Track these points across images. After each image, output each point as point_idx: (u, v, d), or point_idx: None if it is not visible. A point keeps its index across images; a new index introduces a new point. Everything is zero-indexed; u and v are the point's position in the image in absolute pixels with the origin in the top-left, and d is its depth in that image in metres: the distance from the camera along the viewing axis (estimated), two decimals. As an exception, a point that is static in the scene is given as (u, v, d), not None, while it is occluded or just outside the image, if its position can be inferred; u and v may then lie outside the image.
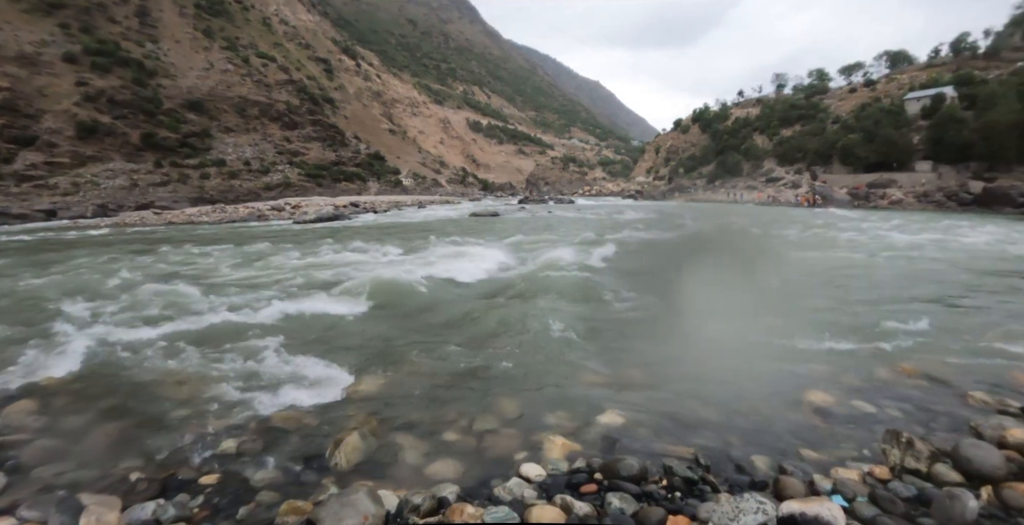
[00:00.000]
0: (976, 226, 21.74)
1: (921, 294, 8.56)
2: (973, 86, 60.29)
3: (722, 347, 5.74)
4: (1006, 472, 3.04)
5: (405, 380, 4.78)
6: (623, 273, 10.75)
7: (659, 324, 6.68)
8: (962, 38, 79.34)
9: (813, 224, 24.30)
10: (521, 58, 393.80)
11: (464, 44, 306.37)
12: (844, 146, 61.78)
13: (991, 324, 6.59)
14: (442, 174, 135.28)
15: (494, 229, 21.09)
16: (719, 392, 4.50)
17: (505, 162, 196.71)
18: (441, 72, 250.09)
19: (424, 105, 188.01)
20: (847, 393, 4.45)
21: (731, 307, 7.65)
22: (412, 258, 12.02)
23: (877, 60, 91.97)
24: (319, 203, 43.89)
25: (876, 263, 12.21)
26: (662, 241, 17.51)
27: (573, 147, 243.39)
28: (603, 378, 4.88)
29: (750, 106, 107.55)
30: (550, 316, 6.88)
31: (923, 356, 5.33)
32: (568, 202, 62.06)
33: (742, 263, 12.48)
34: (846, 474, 3.16)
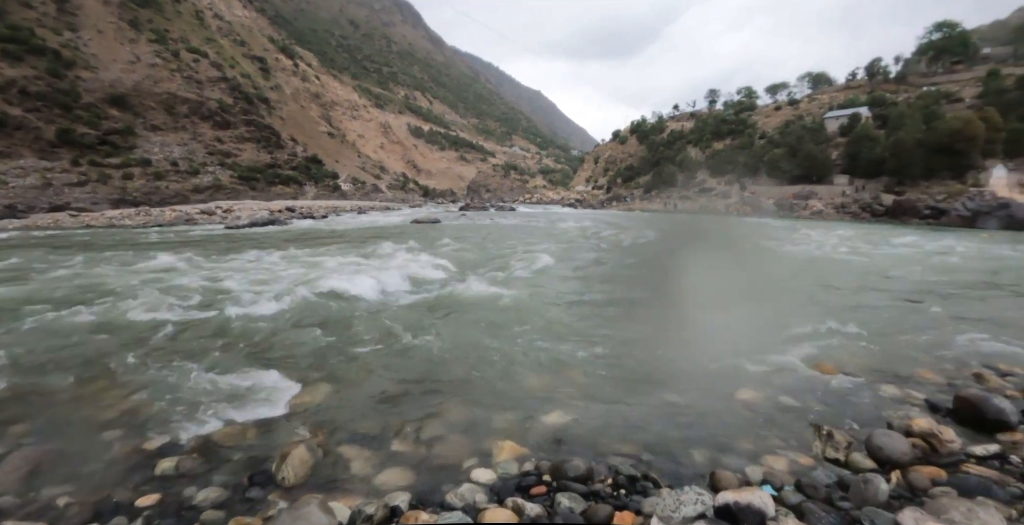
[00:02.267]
0: (889, 235, 23.46)
1: (837, 298, 9.18)
2: (885, 107, 65.51)
3: (659, 349, 5.99)
4: (912, 457, 3.37)
5: (350, 390, 4.72)
6: (565, 279, 10.97)
7: (599, 328, 6.87)
8: (875, 63, 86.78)
9: (744, 232, 25.54)
10: (464, 65, 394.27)
11: (407, 48, 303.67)
12: (770, 160, 65.26)
13: (899, 326, 7.17)
14: (382, 179, 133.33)
15: (437, 236, 20.99)
16: (658, 391, 4.72)
17: (446, 168, 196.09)
18: (383, 76, 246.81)
19: (364, 109, 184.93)
20: (774, 390, 4.76)
21: (670, 311, 8.00)
22: (354, 266, 11.81)
23: (800, 81, 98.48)
24: (253, 207, 42.36)
25: (799, 269, 12.98)
26: (604, 248, 17.94)
27: (514, 155, 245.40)
28: (547, 381, 4.99)
29: (685, 120, 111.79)
30: (492, 322, 6.98)
31: (840, 355, 5.75)
32: (509, 209, 62.53)
33: (677, 269, 12.98)
34: (775, 465, 3.41)
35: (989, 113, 49.55)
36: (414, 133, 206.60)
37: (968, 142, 45.92)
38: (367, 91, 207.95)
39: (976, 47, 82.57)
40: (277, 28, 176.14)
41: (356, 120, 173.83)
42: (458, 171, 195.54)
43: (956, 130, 46.44)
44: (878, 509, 2.78)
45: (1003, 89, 58.75)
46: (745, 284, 10.61)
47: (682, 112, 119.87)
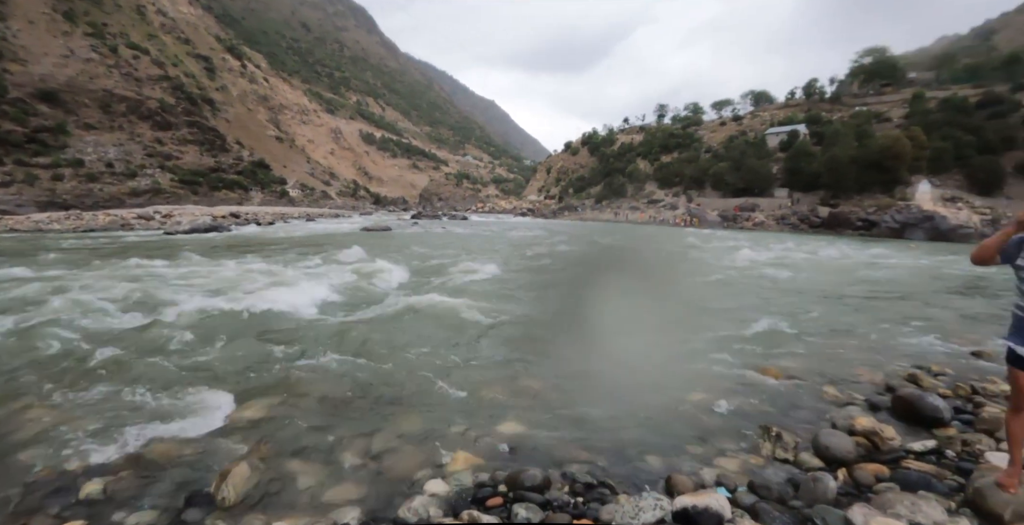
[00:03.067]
0: (824, 245, 24.56)
1: (780, 305, 9.49)
2: (821, 125, 69.00)
3: (613, 356, 6.02)
4: (856, 455, 3.48)
5: (296, 403, 4.48)
6: (518, 289, 10.95)
7: (552, 337, 6.87)
8: (812, 84, 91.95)
9: (690, 243, 26.23)
10: (418, 72, 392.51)
11: (360, 54, 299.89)
12: (715, 173, 67.61)
13: (837, 330, 7.46)
14: (332, 186, 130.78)
15: (387, 244, 20.66)
16: (612, 398, 4.72)
17: (398, 176, 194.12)
18: (334, 80, 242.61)
19: (315, 113, 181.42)
20: (725, 393, 4.83)
21: (620, 319, 8.06)
22: (300, 275, 11.42)
23: (744, 98, 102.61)
24: (194, 212, 40.75)
25: (744, 278, 13.38)
26: (556, 257, 18.05)
27: (467, 164, 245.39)
28: (502, 390, 4.91)
29: (634, 133, 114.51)
30: (445, 332, 6.87)
31: (785, 360, 5.92)
32: (462, 218, 62.33)
33: (629, 278, 13.18)
34: (729, 467, 3.44)
35: (915, 132, 52.86)
36: (366, 139, 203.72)
37: (896, 159, 48.80)
38: (318, 95, 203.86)
39: (903, 71, 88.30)
40: (224, 27, 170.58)
41: (306, 125, 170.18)
42: (410, 179, 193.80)
43: (885, 147, 49.32)
44: (828, 506, 2.84)
45: (927, 110, 63.11)
46: (694, 293, 10.86)
47: (632, 125, 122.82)
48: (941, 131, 55.59)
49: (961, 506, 2.86)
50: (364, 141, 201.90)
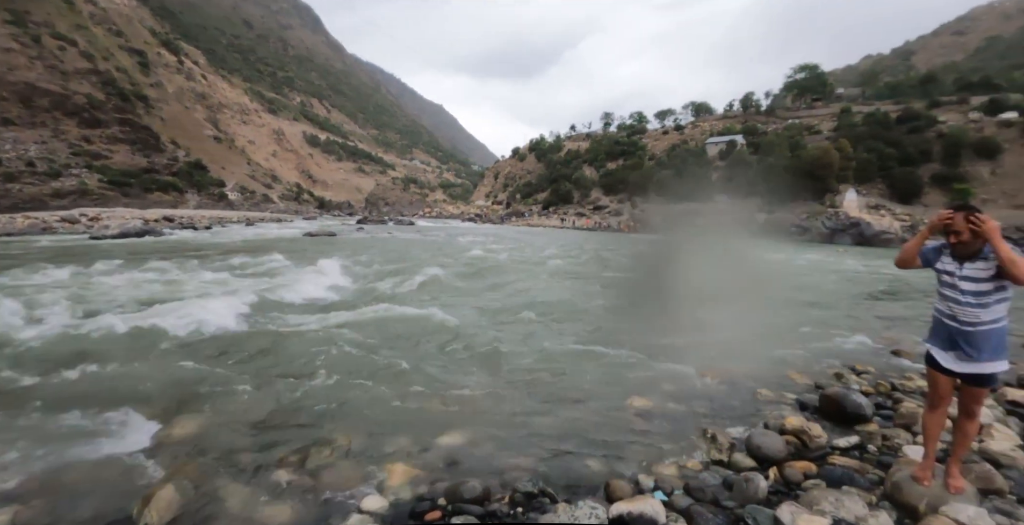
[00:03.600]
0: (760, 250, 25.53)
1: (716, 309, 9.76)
2: (757, 136, 72.35)
3: (553, 362, 6.04)
4: (786, 454, 3.59)
5: (227, 420, 4.25)
6: (460, 296, 10.89)
7: (495, 345, 6.81)
8: (749, 97, 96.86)
9: (636, 250, 26.79)
10: (365, 74, 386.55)
11: (304, 53, 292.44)
12: (658, 180, 69.46)
13: (774, 332, 7.75)
14: (274, 189, 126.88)
15: (331, 250, 20.14)
16: (553, 405, 4.73)
17: (344, 180, 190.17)
18: (277, 80, 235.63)
19: (256, 113, 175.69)
20: (664, 397, 4.93)
21: (563, 325, 8.13)
22: (235, 282, 10.98)
23: (685, 109, 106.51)
24: (125, 215, 38.68)
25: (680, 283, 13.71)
26: (500, 263, 18.06)
27: (415, 168, 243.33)
28: (442, 400, 4.82)
29: (581, 140, 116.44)
30: (387, 341, 6.71)
31: (722, 363, 6.08)
32: (408, 223, 61.55)
33: (575, 284, 13.32)
34: (665, 471, 3.49)
35: (842, 144, 56.07)
36: (310, 142, 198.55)
37: (826, 169, 51.60)
38: (260, 95, 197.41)
39: (832, 87, 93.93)
40: (161, 20, 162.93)
41: (246, 125, 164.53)
42: (356, 183, 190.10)
43: (816, 158, 52.12)
44: (759, 506, 2.91)
45: (853, 124, 67.12)
46: (633, 297, 11.05)
47: (579, 132, 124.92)
48: (866, 143, 59.35)
49: (881, 499, 3.00)
50: (308, 143, 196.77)
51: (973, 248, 2.60)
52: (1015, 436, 3.83)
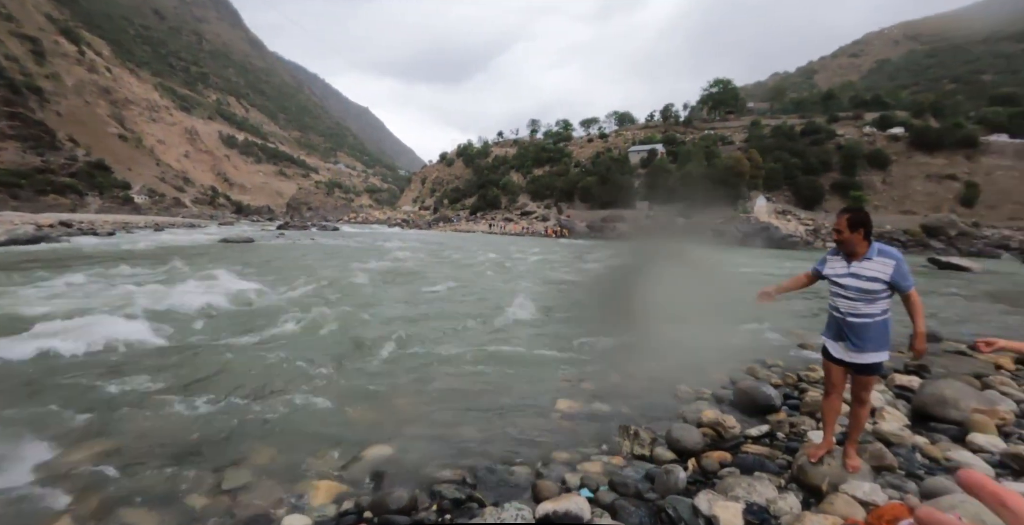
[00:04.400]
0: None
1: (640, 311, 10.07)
2: (675, 145, 75.77)
3: (482, 367, 6.01)
4: (704, 445, 3.74)
5: (132, 443, 3.90)
6: (384, 303, 10.67)
7: (422, 349, 6.70)
8: (668, 108, 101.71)
9: (558, 251, 27.29)
10: (287, 73, 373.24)
11: (221, 48, 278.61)
12: (583, 186, 71.39)
13: (692, 332, 8.04)
14: (186, 193, 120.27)
15: (247, 258, 19.19)
16: (482, 410, 4.70)
17: (263, 183, 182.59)
18: (191, 75, 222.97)
19: (167, 110, 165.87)
20: (588, 398, 5.00)
21: (487, 328, 8.11)
22: (140, 293, 10.15)
23: (609, 117, 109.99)
24: (13, 220, 35.24)
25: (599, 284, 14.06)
26: (427, 268, 17.87)
27: (339, 172, 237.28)
28: (369, 412, 4.66)
29: (508, 146, 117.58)
30: (304, 352, 6.40)
31: (644, 363, 6.26)
32: (333, 229, 59.73)
33: (496, 288, 13.35)
34: (591, 468, 3.53)
35: (753, 154, 59.79)
36: (226, 142, 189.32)
37: (738, 177, 54.79)
38: (171, 91, 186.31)
39: (743, 101, 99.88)
40: (59, 6, 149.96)
41: (156, 123, 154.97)
42: (277, 187, 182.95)
43: (729, 167, 55.24)
44: (679, 496, 3.01)
45: (762, 136, 71.76)
46: (559, 300, 11.21)
47: (506, 138, 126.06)
48: (773, 154, 63.75)
49: (789, 482, 3.17)
50: (225, 144, 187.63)
51: (857, 249, 2.91)
52: (903, 417, 4.15)
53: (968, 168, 66.16)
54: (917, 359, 2.99)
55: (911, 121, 73.19)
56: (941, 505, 2.59)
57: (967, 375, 5.48)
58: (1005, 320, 10.58)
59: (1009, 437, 3.76)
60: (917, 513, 1.26)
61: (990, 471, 3.19)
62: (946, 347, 7.34)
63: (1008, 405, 4.43)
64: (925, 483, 3.01)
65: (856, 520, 2.66)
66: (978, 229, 50.36)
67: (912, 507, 2.73)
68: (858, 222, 2.89)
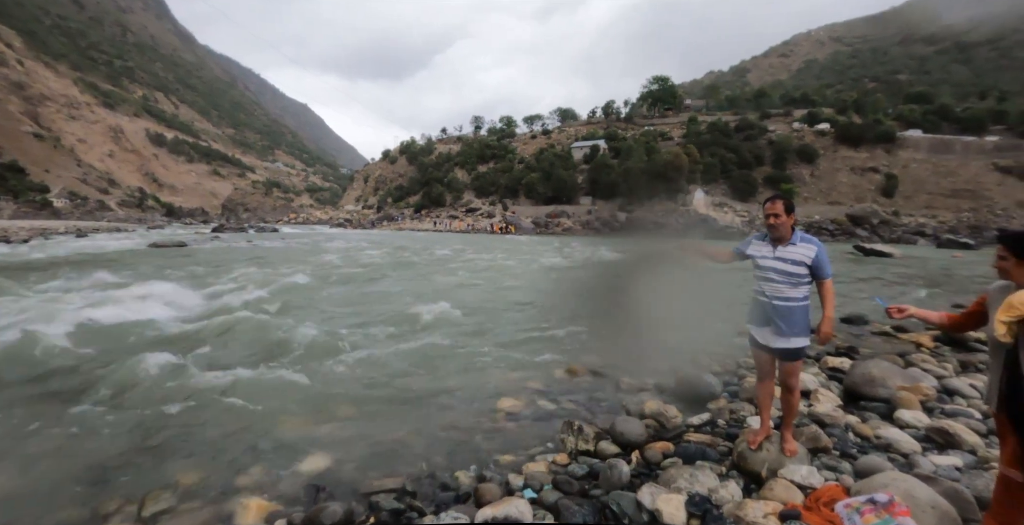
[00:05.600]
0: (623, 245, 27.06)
1: (581, 306, 10.09)
2: (617, 141, 76.99)
3: (423, 368, 5.82)
4: (647, 436, 3.69)
5: (40, 468, 3.53)
6: (317, 304, 10.30)
7: (359, 353, 6.41)
8: (610, 105, 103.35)
9: (504, 248, 27.23)
10: (219, 68, 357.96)
11: (147, 41, 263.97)
12: (528, 182, 71.68)
13: (631, 324, 8.08)
14: (112, 195, 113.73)
15: (177, 263, 18.15)
16: (423, 414, 4.52)
17: (196, 184, 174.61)
18: (114, 70, 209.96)
19: (88, 107, 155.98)
20: (532, 395, 4.91)
21: (428, 328, 7.90)
22: (53, 305, 9.35)
23: (552, 114, 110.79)
24: (-93, 226, 32.25)
25: (551, 279, 14.12)
26: (366, 269, 17.45)
27: (278, 171, 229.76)
28: (302, 420, 4.39)
29: (452, 143, 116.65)
30: (232, 362, 6.00)
31: (587, 356, 6.23)
32: (272, 230, 57.59)
33: (429, 287, 13.16)
34: (535, 468, 3.42)
35: (691, 149, 61.61)
36: (155, 141, 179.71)
37: (676, 171, 56.33)
38: (93, 86, 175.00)
39: (681, 98, 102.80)
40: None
41: (76, 121, 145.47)
42: (211, 187, 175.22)
43: (668, 161, 56.72)
44: (622, 491, 2.95)
45: (699, 132, 74.03)
46: (500, 296, 11.11)
47: (450, 135, 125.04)
48: (710, 149, 65.98)
49: (730, 470, 3.17)
50: (153, 142, 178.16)
51: (786, 233, 2.99)
52: (836, 398, 4.28)
53: (887, 161, 70.53)
54: (823, 344, 3.06)
55: (836, 118, 77.41)
56: (873, 484, 2.63)
57: (892, 354, 5.72)
58: (922, 300, 11.23)
59: (932, 412, 3.93)
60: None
61: (916, 446, 3.29)
62: (873, 329, 7.69)
63: (930, 382, 4.63)
64: (859, 462, 3.08)
65: (795, 504, 2.66)
66: (898, 218, 53.79)
67: (847, 488, 2.77)
68: (791, 207, 3.00)
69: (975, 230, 49.22)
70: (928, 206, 63.90)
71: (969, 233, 46.13)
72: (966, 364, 5.52)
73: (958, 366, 5.42)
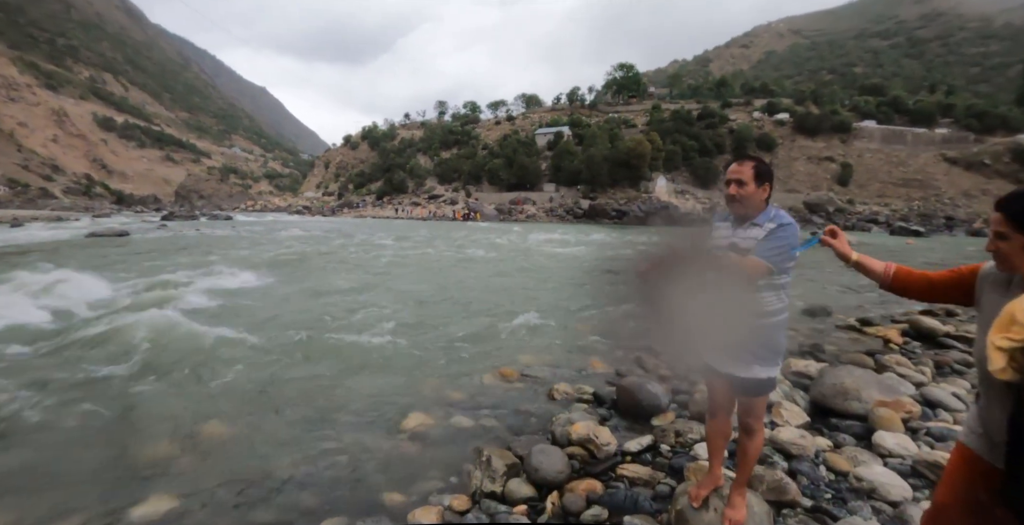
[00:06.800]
0: (585, 232, 26.44)
1: (532, 295, 9.33)
2: (581, 128, 76.47)
3: (324, 376, 4.91)
4: (569, 473, 2.89)
5: None
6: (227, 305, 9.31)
7: (257, 358, 5.48)
8: (574, 91, 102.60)
9: (460, 236, 26.31)
10: (171, 48, 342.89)
11: (93, 19, 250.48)
12: (491, 169, 70.51)
13: (580, 319, 7.35)
14: (56, 182, 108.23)
15: (108, 255, 16.59)
16: (309, 435, 3.66)
17: (148, 170, 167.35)
18: (57, 49, 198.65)
19: (28, 89, 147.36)
20: (448, 409, 4.08)
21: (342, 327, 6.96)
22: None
23: (517, 100, 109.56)
24: None
25: (498, 270, 13.30)
26: (302, 260, 16.37)
27: (234, 157, 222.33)
28: (166, 447, 3.49)
29: (415, 128, 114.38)
30: (88, 369, 5.03)
31: (523, 356, 5.46)
32: (225, 218, 55.06)
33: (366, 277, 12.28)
34: (423, 517, 2.60)
35: (653, 137, 61.47)
36: (103, 125, 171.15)
37: (639, 158, 56.06)
38: (33, 66, 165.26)
39: (645, 86, 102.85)
40: None
41: (15, 103, 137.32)
42: (163, 174, 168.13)
43: (631, 148, 56.35)
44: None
45: (662, 119, 74.12)
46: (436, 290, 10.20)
47: (413, 121, 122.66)
48: (672, 137, 66.12)
49: (668, 528, 2.37)
50: (101, 127, 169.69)
51: (750, 210, 2.05)
52: (802, 413, 3.56)
53: (843, 151, 72.10)
54: None
55: (794, 108, 78.64)
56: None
57: (861, 354, 5.11)
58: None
59: (916, 433, 3.23)
60: None
61: (907, 490, 2.56)
62: (837, 321, 7.12)
63: (907, 389, 3.98)
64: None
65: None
66: (852, 206, 54.91)
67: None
68: (766, 173, 2.05)
69: (925, 218, 50.69)
70: (881, 194, 65.52)
71: (920, 221, 47.41)
72: (940, 365, 4.91)
73: (934, 368, 4.80)
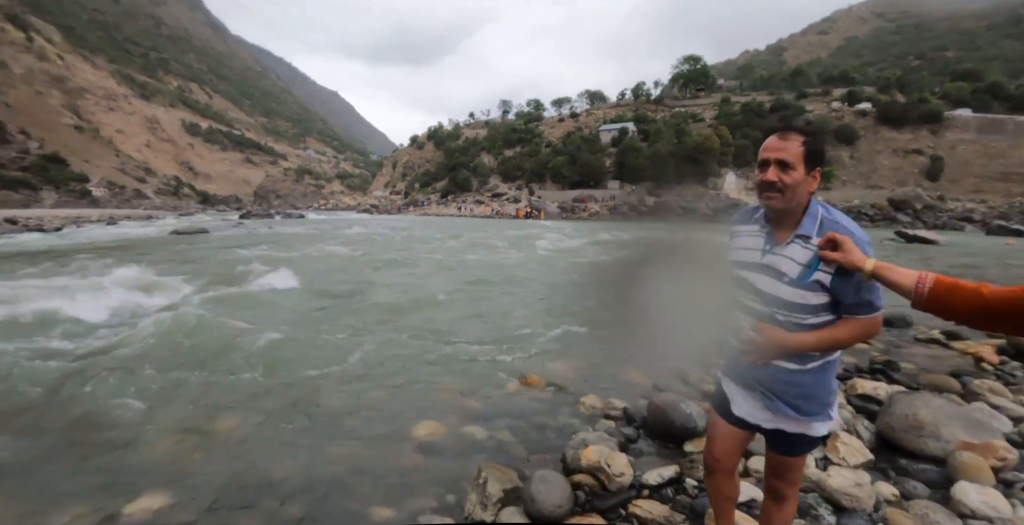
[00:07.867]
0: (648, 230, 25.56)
1: (565, 300, 8.91)
2: (646, 123, 74.74)
3: (344, 376, 4.76)
4: (571, 507, 2.52)
5: None
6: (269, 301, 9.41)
7: (281, 354, 5.41)
8: (639, 86, 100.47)
9: (515, 234, 26.08)
10: (251, 57, 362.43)
11: (181, 33, 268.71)
12: (554, 167, 70.21)
13: (623, 322, 6.89)
14: (148, 184, 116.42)
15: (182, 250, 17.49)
16: (314, 439, 3.48)
17: (229, 172, 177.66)
18: (150, 62, 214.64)
19: (125, 99, 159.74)
20: (463, 418, 3.80)
21: (371, 324, 6.85)
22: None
23: (580, 97, 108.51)
24: (-49, 219, 32.69)
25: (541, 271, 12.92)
26: (358, 257, 16.57)
27: (309, 158, 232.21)
28: (176, 443, 3.41)
29: (479, 127, 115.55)
30: (132, 361, 5.15)
31: (554, 362, 5.11)
32: (298, 216, 57.55)
33: (423, 275, 12.18)
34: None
35: (723, 131, 59.19)
36: (190, 130, 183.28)
37: (707, 154, 54.21)
38: (129, 78, 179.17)
39: (714, 79, 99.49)
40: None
41: (114, 112, 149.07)
42: (243, 175, 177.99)
43: (699, 144, 54.57)
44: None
45: (732, 113, 71.08)
46: (475, 292, 9.97)
47: (477, 120, 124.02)
48: (743, 130, 63.15)
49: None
50: (188, 132, 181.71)
51: (791, 205, 1.52)
52: (863, 448, 3.02)
53: (932, 142, 66.65)
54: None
55: (878, 97, 73.47)
56: None
57: (944, 375, 4.42)
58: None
59: (1012, 488, 2.61)
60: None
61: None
62: (918, 334, 6.32)
63: (1004, 426, 3.31)
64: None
65: None
66: (943, 202, 50.72)
67: None
68: (817, 152, 1.54)
69: (1029, 215, 46.01)
70: (976, 190, 60.14)
71: (1022, 219, 43.03)
72: (1047, 390, 4.17)
73: (1038, 396, 4.05)
